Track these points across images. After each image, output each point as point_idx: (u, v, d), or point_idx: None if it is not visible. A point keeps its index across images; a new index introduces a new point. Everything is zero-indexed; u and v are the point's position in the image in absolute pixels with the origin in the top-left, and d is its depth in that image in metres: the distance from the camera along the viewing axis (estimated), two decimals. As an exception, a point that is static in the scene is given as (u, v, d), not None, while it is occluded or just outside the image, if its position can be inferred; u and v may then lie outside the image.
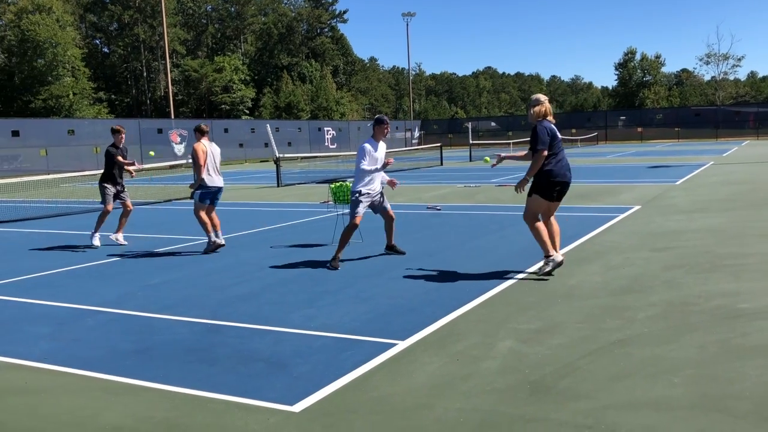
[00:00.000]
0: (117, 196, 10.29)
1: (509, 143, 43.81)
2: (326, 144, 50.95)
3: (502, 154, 7.99)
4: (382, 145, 8.10)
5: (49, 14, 54.33)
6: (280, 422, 3.71)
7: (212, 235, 8.99)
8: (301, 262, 8.24)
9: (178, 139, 38.63)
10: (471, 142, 36.78)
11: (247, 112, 68.68)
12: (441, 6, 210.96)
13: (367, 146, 8.01)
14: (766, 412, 3.59)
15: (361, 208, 7.93)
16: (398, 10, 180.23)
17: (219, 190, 9.19)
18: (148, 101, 72.57)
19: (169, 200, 17.28)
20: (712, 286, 6.33)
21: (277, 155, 22.28)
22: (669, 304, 5.75)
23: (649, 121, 60.22)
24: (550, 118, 6.89)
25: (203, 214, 9.00)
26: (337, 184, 9.48)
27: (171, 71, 55.12)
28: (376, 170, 7.93)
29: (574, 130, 55.38)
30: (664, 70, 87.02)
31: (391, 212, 8.34)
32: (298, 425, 3.66)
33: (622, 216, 11.26)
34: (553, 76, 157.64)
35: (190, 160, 9.23)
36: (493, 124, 67.59)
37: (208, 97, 68.77)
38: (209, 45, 77.52)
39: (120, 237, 10.12)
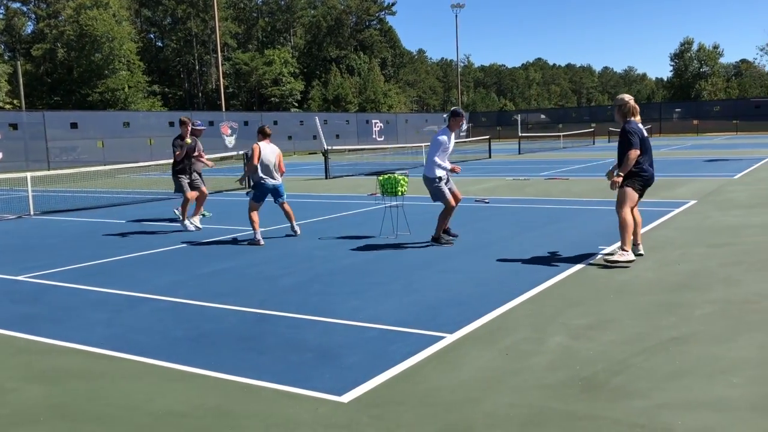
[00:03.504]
0: (192, 184, 10.98)
1: (559, 135, 43.08)
2: (374, 136, 51.03)
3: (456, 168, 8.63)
4: (453, 137, 8.70)
5: (106, 9, 55.90)
6: (329, 412, 3.73)
7: (258, 234, 9.25)
8: (349, 254, 8.27)
9: (229, 132, 39.24)
10: (520, 134, 36.41)
11: (296, 104, 69.31)
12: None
13: (442, 138, 8.51)
14: (832, 416, 3.44)
15: (447, 191, 8.50)
16: (447, 1, 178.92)
17: (272, 187, 9.52)
18: (200, 94, 73.95)
19: (219, 191, 17.57)
20: (773, 284, 6.11)
21: (326, 147, 22.44)
22: (727, 302, 5.57)
23: (706, 113, 58.38)
24: (636, 117, 7.21)
25: (254, 214, 9.38)
26: (386, 176, 9.46)
27: (222, 64, 55.97)
28: (446, 168, 8.48)
29: (626, 123, 54.03)
30: (723, 60, 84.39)
31: (459, 193, 8.81)
32: (347, 415, 3.68)
33: (677, 210, 10.96)
34: (606, 67, 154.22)
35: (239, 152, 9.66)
36: (542, 116, 66.64)
37: (258, 90, 69.66)
38: (259, 38, 78.44)
39: (197, 220, 10.95)
